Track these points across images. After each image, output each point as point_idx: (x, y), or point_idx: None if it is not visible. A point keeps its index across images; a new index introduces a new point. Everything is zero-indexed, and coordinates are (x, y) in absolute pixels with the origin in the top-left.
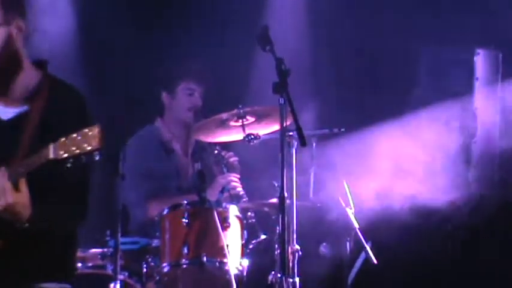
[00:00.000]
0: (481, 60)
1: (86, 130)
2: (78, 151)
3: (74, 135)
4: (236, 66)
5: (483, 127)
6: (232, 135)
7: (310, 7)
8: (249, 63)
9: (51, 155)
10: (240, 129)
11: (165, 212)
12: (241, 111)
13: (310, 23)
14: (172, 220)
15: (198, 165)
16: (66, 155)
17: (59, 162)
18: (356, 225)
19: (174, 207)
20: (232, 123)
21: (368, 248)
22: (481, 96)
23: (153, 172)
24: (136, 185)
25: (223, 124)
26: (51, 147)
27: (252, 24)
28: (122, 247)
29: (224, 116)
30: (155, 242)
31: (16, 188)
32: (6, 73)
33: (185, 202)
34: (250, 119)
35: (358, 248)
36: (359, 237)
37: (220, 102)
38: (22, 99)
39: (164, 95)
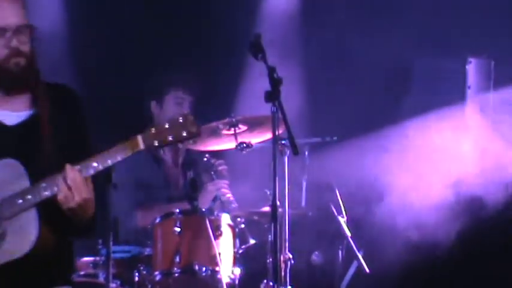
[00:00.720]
0: (473, 69)
1: (178, 118)
2: (171, 138)
3: (166, 125)
4: (228, 75)
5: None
6: (225, 143)
7: (303, 15)
8: (241, 71)
9: (141, 146)
10: (233, 137)
11: (157, 221)
12: (234, 119)
13: (302, 31)
14: (164, 229)
15: (190, 174)
16: (157, 144)
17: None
18: (348, 234)
19: (166, 216)
20: (224, 131)
21: (360, 257)
22: (472, 104)
23: (143, 182)
24: (126, 194)
25: (215, 133)
26: (139, 138)
27: (244, 33)
28: (113, 256)
29: (217, 124)
30: (147, 251)
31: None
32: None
33: (177, 211)
34: (243, 127)
35: (351, 256)
36: (351, 245)
37: (213, 110)
38: (26, 104)
39: (153, 105)
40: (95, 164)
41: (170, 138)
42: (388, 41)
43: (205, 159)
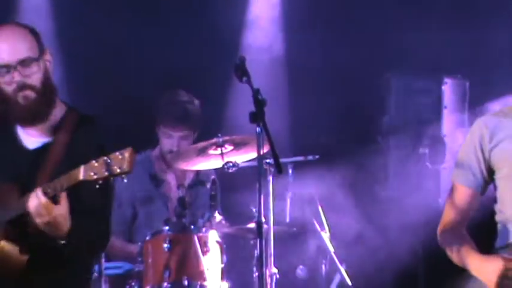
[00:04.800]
0: (448, 89)
1: (117, 153)
2: (107, 173)
3: (105, 158)
4: (214, 97)
5: (452, 154)
6: (211, 162)
7: (284, 38)
8: (227, 93)
9: (81, 177)
10: (219, 157)
11: (147, 238)
12: (220, 140)
13: (286, 53)
14: (154, 245)
15: (180, 192)
16: (96, 177)
17: (89, 183)
18: (331, 249)
19: (156, 233)
20: (211, 151)
21: (343, 270)
22: (448, 124)
23: (135, 202)
24: (121, 212)
25: (202, 152)
26: (81, 169)
27: (230, 56)
28: (106, 272)
29: (204, 145)
30: (138, 267)
31: (56, 202)
32: (48, 104)
33: (166, 228)
34: (229, 147)
35: (334, 269)
36: (334, 260)
37: (203, 131)
38: (48, 130)
39: (155, 128)
40: (57, 186)
41: (106, 174)
42: (368, 60)
43: (208, 185)
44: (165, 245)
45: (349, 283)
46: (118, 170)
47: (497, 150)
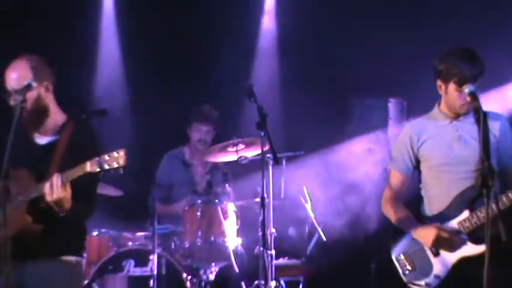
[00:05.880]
0: (392, 106)
1: (114, 152)
2: (108, 167)
3: (105, 155)
4: (233, 110)
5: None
6: (229, 156)
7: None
8: (240, 108)
9: (88, 169)
10: (235, 153)
11: (186, 208)
12: (236, 141)
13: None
14: (190, 213)
15: (207, 177)
16: (98, 169)
17: (93, 174)
18: (312, 215)
19: (191, 205)
20: (229, 149)
21: (320, 230)
22: (392, 130)
23: (172, 181)
24: (163, 191)
25: (223, 149)
26: (87, 163)
27: (241, 80)
28: (157, 231)
29: (224, 144)
30: (179, 228)
31: (64, 188)
32: (38, 119)
33: (199, 201)
34: (241, 146)
35: (313, 230)
36: (314, 223)
37: (222, 134)
38: (53, 132)
39: (187, 128)
40: (69, 174)
41: (107, 167)
42: (333, 85)
43: (225, 171)
44: (198, 213)
45: (324, 239)
46: (116, 165)
47: (423, 147)
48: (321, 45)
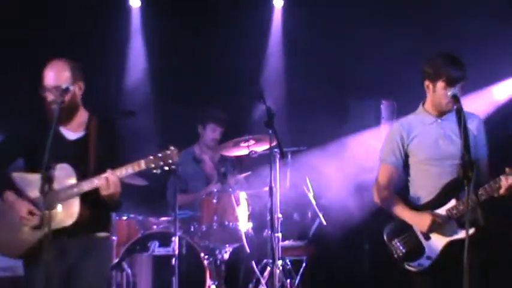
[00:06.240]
0: (384, 107)
1: (167, 151)
2: (162, 163)
3: (159, 154)
4: (245, 111)
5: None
6: (242, 151)
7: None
8: (252, 108)
9: (143, 166)
10: (247, 147)
11: (203, 196)
12: (247, 137)
13: (283, 80)
14: (207, 201)
15: (223, 169)
16: (153, 166)
17: (149, 171)
18: (314, 202)
19: (208, 194)
20: (241, 144)
21: (321, 216)
22: (384, 129)
23: (186, 176)
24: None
25: (236, 145)
26: (142, 161)
27: (252, 80)
28: (178, 216)
29: (237, 140)
30: (198, 213)
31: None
32: (69, 115)
33: (215, 190)
34: (252, 142)
35: (315, 215)
36: (315, 209)
37: (236, 131)
38: (80, 128)
39: (199, 127)
40: (123, 172)
41: (161, 163)
42: (333, 87)
43: (231, 161)
44: (214, 200)
45: (324, 223)
46: (170, 161)
47: (412, 143)
48: (322, 46)
